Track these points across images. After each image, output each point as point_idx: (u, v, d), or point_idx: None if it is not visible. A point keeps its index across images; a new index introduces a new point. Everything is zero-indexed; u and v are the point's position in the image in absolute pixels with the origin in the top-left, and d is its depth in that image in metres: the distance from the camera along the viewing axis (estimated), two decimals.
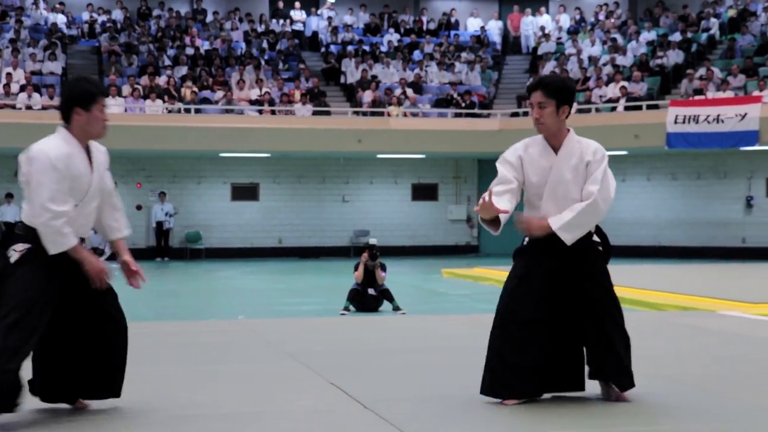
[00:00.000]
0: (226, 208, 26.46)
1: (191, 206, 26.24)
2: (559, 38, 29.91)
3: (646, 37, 28.02)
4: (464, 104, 25.97)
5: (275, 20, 30.67)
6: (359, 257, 12.94)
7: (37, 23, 28.44)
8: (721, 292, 12.82)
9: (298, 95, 25.39)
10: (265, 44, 28.94)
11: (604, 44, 28.24)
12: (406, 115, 25.26)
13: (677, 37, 27.39)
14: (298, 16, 30.75)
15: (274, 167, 26.53)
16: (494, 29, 31.43)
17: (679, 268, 19.98)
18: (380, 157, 26.39)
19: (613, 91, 24.83)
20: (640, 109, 23.80)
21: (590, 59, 27.17)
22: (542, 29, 30.42)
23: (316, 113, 25.00)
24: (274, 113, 24.78)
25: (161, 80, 25.37)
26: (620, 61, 26.68)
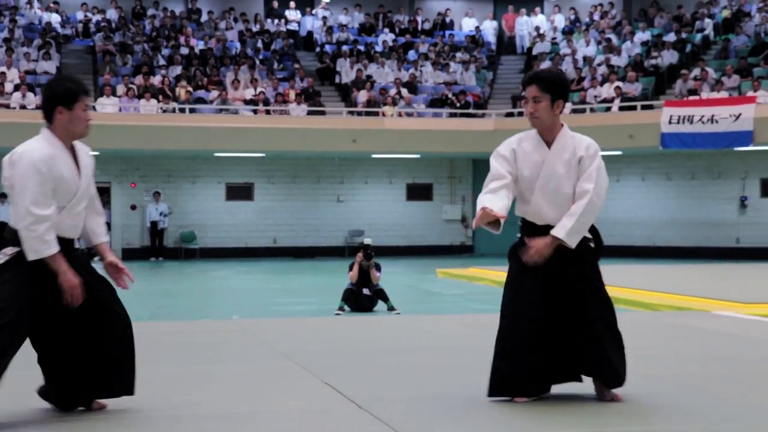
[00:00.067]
0: (220, 207, 26.43)
1: (186, 206, 26.22)
2: (553, 38, 29.93)
3: (640, 37, 28.05)
4: (459, 104, 25.96)
5: (270, 20, 30.66)
6: (354, 257, 12.94)
7: (31, 22, 28.41)
8: (715, 292, 12.84)
9: (292, 95, 25.38)
10: (259, 44, 28.91)
11: (598, 44, 28.26)
12: (400, 115, 25.26)
13: (672, 37, 27.42)
14: (292, 15, 30.75)
15: (268, 167, 26.51)
16: (489, 29, 31.45)
17: (673, 268, 20.00)
18: (375, 156, 26.38)
19: (607, 91, 24.85)
20: (634, 109, 23.83)
21: (585, 59, 27.21)
22: (537, 29, 30.43)
23: (310, 113, 24.99)
24: (268, 113, 24.76)
25: (156, 80, 25.33)
26: (615, 61, 26.70)
